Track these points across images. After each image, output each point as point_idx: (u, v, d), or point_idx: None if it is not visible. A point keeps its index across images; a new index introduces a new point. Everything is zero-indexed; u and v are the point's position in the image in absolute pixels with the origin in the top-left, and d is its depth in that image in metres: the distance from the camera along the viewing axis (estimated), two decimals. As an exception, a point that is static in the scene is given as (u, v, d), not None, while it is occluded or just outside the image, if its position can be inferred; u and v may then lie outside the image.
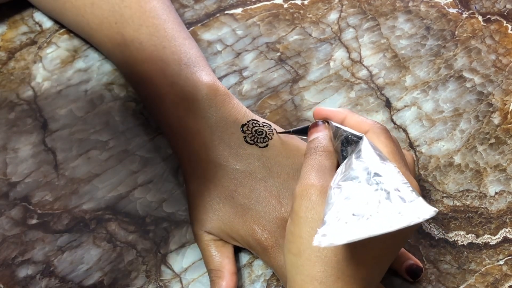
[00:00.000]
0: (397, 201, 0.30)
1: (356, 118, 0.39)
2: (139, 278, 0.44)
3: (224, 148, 0.43)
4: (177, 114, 0.44)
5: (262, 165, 0.43)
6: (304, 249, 0.34)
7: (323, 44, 0.55)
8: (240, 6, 0.56)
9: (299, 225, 0.35)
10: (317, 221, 0.34)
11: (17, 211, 0.45)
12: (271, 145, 0.44)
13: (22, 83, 0.51)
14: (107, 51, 0.48)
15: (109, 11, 0.46)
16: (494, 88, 0.54)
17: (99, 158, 0.48)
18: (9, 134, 0.48)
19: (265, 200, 0.42)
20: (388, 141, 0.37)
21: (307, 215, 0.35)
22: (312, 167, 0.37)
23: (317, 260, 0.34)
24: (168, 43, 0.45)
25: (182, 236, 0.45)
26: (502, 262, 0.46)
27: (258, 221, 0.41)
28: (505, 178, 0.50)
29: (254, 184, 0.42)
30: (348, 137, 0.37)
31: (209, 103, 0.44)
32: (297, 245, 0.35)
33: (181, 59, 0.45)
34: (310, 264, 0.34)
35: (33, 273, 0.43)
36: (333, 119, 0.40)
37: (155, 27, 0.46)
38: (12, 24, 0.53)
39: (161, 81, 0.44)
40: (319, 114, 0.41)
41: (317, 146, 0.38)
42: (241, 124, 0.44)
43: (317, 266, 0.34)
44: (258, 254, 0.42)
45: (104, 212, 0.46)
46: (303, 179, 0.36)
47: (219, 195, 0.42)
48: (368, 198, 0.30)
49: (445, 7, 0.58)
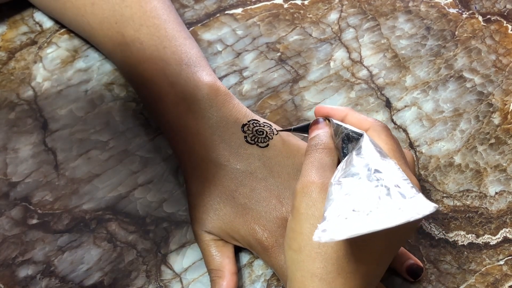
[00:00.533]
0: (397, 197, 0.30)
1: (357, 116, 0.40)
2: (139, 278, 0.44)
3: (224, 148, 0.43)
4: (178, 114, 0.44)
5: (262, 165, 0.43)
6: (305, 245, 0.35)
7: (323, 44, 0.55)
8: (240, 6, 0.56)
9: (300, 222, 0.35)
10: (318, 218, 0.34)
11: (18, 211, 0.45)
12: (271, 145, 0.44)
13: (22, 83, 0.51)
14: (108, 51, 0.48)
15: (110, 10, 0.46)
16: (494, 88, 0.54)
17: (99, 158, 0.48)
18: (9, 134, 0.48)
19: (266, 200, 0.42)
20: (388, 138, 0.37)
21: (307, 212, 0.35)
22: (313, 164, 0.37)
23: (317, 256, 0.34)
24: (168, 43, 0.45)
25: (182, 236, 0.45)
26: (502, 262, 0.46)
27: (259, 221, 0.41)
28: (505, 178, 0.50)
29: (254, 184, 0.42)
30: (349, 134, 0.37)
31: (210, 103, 0.44)
32: (297, 241, 0.35)
33: (182, 59, 0.45)
34: (310, 261, 0.34)
35: (33, 273, 0.43)
36: (334, 117, 0.40)
37: (155, 27, 0.46)
38: (12, 24, 0.53)
39: (162, 80, 0.44)
40: (320, 112, 0.41)
41: (318, 143, 0.39)
42: (241, 124, 0.44)
43: (317, 263, 0.34)
44: (258, 254, 0.42)
45: (104, 212, 0.46)
46: (304, 176, 0.36)
47: (219, 195, 0.42)
48: (368, 194, 0.31)
49: (445, 7, 0.58)
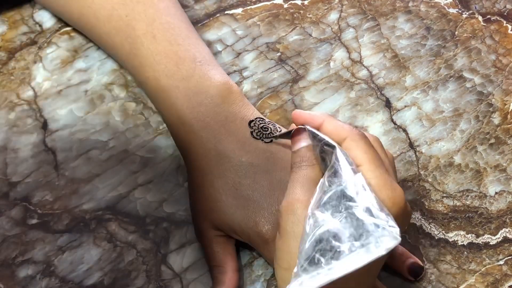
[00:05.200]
0: (365, 231, 0.31)
1: (334, 123, 0.38)
2: (139, 278, 0.44)
3: (231, 141, 0.43)
4: (189, 106, 0.44)
5: (266, 159, 0.43)
6: (294, 263, 0.35)
7: (323, 44, 0.55)
8: (240, 6, 0.56)
9: (287, 241, 0.35)
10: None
11: (17, 211, 0.45)
12: (275, 141, 0.44)
13: (22, 83, 0.51)
14: (113, 44, 0.48)
15: (119, 4, 0.47)
16: (494, 88, 0.54)
17: (99, 158, 0.48)
18: (9, 134, 0.48)
19: (268, 193, 0.42)
20: (367, 147, 0.36)
21: (293, 230, 0.35)
22: (298, 181, 0.37)
23: None
24: (182, 41, 0.46)
25: (182, 236, 0.45)
26: (502, 262, 0.46)
27: (260, 213, 0.41)
28: (505, 178, 0.50)
29: (258, 177, 0.42)
30: (323, 148, 0.36)
31: (222, 100, 0.44)
32: (286, 260, 0.35)
33: (195, 56, 0.45)
34: None
35: (33, 273, 0.43)
36: (310, 124, 0.39)
37: (169, 24, 0.46)
38: (12, 24, 0.53)
39: (175, 74, 0.45)
40: (298, 119, 0.39)
41: (302, 160, 0.38)
42: (249, 120, 0.45)
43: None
44: (258, 248, 0.42)
45: (104, 212, 0.46)
46: (289, 194, 0.36)
47: (222, 186, 0.42)
48: (338, 229, 0.31)
49: (445, 7, 0.58)
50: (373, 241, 0.30)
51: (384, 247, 0.30)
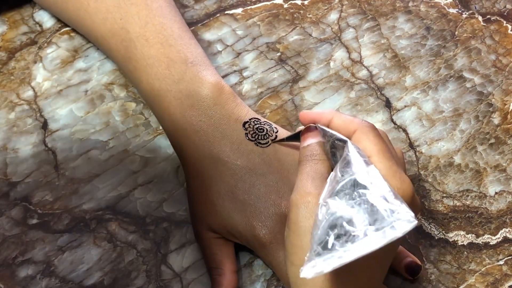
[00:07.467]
0: (380, 216, 0.30)
1: (343, 118, 0.38)
2: (139, 278, 0.44)
3: (226, 144, 0.43)
4: (181, 110, 0.44)
5: (262, 161, 0.43)
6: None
7: (323, 44, 0.55)
8: (240, 6, 0.56)
9: (299, 236, 0.34)
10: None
11: (18, 211, 0.45)
12: (272, 143, 0.44)
13: (22, 83, 0.51)
14: (109, 47, 0.48)
15: (114, 6, 0.47)
16: (494, 88, 0.54)
17: (99, 158, 0.48)
18: (9, 134, 0.48)
19: (265, 196, 0.42)
20: (377, 139, 0.36)
21: (305, 224, 0.34)
22: (308, 174, 0.37)
23: None
24: (174, 42, 0.46)
25: (182, 236, 0.45)
26: (502, 262, 0.46)
27: (258, 217, 0.41)
28: (505, 178, 0.50)
29: (254, 180, 0.42)
30: (334, 143, 0.36)
31: (214, 101, 0.44)
32: (299, 256, 0.34)
33: (187, 57, 0.45)
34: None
35: (33, 273, 0.43)
36: (320, 122, 0.39)
37: (161, 26, 0.46)
38: (12, 24, 0.53)
39: (167, 77, 0.44)
40: (306, 118, 0.40)
41: (312, 154, 0.38)
42: (243, 121, 0.44)
43: (322, 276, 0.34)
44: (256, 251, 0.42)
45: (104, 212, 0.46)
46: (300, 188, 0.36)
47: (219, 191, 0.42)
48: (352, 215, 0.31)
49: (445, 7, 0.58)
50: (388, 225, 0.29)
51: (400, 230, 0.29)
